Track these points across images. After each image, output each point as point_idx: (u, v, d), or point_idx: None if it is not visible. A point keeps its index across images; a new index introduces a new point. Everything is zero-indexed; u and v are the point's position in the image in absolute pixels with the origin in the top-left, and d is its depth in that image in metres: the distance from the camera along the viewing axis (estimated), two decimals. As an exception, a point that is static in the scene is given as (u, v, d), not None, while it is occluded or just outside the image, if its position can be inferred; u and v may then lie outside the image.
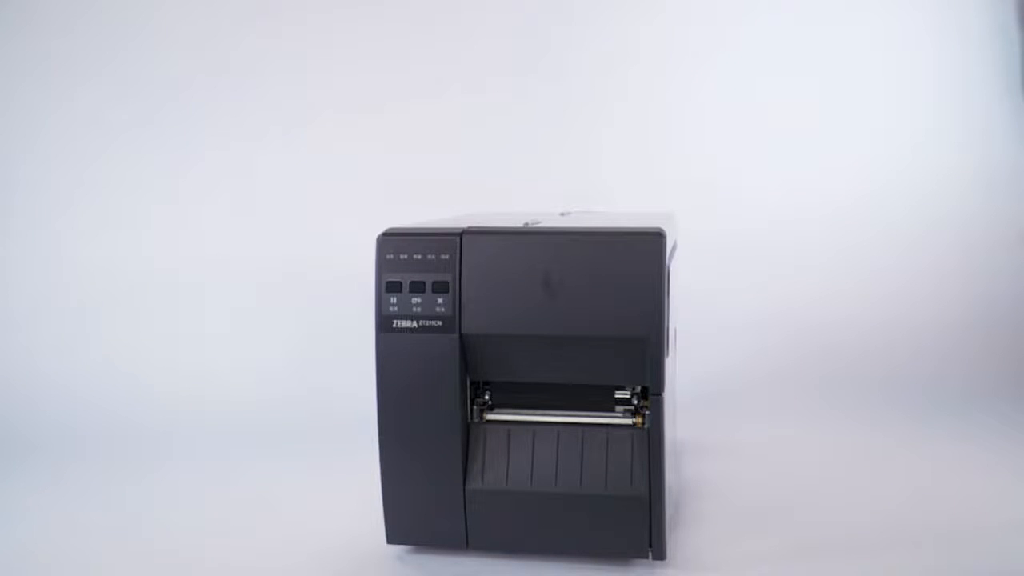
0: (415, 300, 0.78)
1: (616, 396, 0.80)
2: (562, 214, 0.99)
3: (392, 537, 0.82)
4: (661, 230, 0.76)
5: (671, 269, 0.81)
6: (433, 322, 0.78)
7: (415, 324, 0.78)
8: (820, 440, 1.16)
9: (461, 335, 0.78)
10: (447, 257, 0.78)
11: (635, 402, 0.80)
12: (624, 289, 0.75)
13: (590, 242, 0.76)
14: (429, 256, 0.78)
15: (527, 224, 0.81)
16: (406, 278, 0.78)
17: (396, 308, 0.78)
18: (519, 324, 0.77)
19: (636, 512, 0.77)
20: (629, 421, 0.80)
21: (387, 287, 0.79)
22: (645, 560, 0.80)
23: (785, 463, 1.08)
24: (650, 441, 0.78)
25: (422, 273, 0.78)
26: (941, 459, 1.08)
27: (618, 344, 0.76)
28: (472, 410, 0.81)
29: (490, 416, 0.81)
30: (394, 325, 0.78)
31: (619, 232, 0.77)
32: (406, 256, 0.78)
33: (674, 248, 0.87)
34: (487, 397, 0.82)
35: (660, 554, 0.78)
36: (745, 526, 0.89)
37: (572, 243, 0.77)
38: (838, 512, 0.92)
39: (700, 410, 1.25)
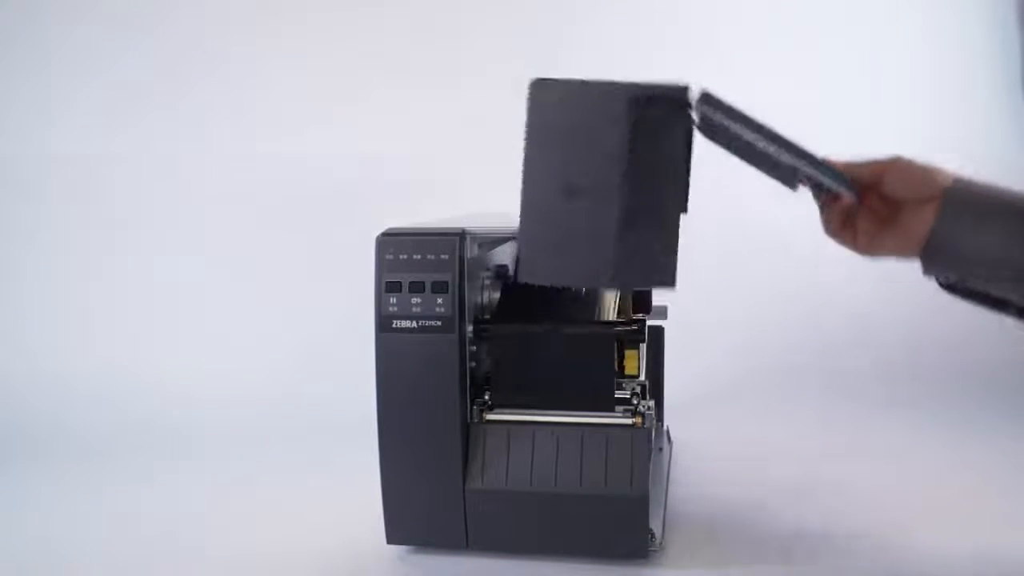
0: (415, 300, 0.78)
1: (616, 396, 0.81)
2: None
3: (392, 537, 0.82)
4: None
5: None
6: (433, 322, 0.78)
7: (415, 324, 0.78)
8: (819, 439, 1.16)
9: (461, 335, 0.78)
10: (447, 257, 0.78)
11: (635, 402, 0.80)
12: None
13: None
14: (429, 256, 0.78)
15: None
16: (406, 278, 0.78)
17: (396, 308, 0.78)
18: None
19: (636, 512, 0.77)
20: (629, 421, 0.80)
21: (387, 287, 0.78)
22: (645, 560, 0.80)
23: (784, 463, 1.08)
24: (650, 441, 0.78)
25: (422, 273, 0.78)
26: (941, 459, 1.08)
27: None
28: (472, 410, 0.81)
29: (490, 416, 0.81)
30: (394, 325, 0.78)
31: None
32: (406, 256, 0.78)
33: None
34: (487, 397, 0.82)
35: (659, 554, 0.78)
36: (744, 526, 0.89)
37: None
38: (837, 512, 0.92)
39: (700, 410, 1.25)
